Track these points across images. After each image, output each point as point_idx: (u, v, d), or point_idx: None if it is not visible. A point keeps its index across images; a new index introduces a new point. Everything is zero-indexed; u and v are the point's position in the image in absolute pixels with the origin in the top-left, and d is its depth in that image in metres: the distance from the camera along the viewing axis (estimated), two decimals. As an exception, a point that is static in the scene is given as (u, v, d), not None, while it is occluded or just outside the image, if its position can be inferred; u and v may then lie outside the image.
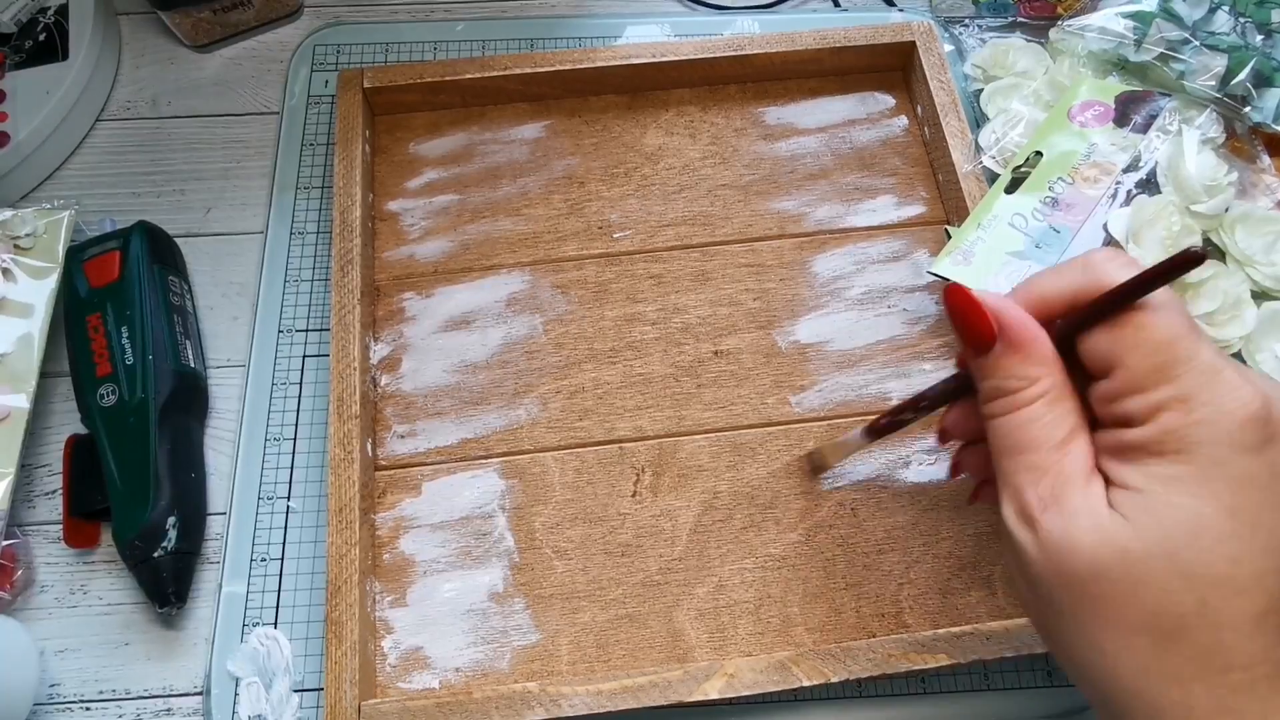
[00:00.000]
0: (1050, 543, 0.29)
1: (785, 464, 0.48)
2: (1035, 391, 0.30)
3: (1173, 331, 0.28)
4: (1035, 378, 0.30)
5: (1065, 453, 0.29)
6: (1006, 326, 0.30)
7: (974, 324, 0.31)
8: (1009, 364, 0.30)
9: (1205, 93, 0.53)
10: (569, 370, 0.50)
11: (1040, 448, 0.30)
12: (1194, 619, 0.26)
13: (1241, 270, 0.49)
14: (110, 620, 0.46)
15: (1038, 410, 0.30)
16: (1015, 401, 0.30)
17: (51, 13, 0.57)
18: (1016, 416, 0.30)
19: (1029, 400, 0.30)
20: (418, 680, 0.43)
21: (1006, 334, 0.30)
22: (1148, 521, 0.27)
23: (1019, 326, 0.30)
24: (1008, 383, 0.30)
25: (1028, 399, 0.30)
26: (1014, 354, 0.30)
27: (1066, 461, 0.29)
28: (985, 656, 0.41)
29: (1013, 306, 0.31)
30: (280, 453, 0.49)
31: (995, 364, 0.31)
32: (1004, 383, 0.31)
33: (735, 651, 0.44)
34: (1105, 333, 0.29)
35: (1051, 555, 0.29)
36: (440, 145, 0.56)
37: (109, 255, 0.49)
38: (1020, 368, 0.30)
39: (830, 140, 0.57)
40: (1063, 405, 0.30)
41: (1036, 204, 0.50)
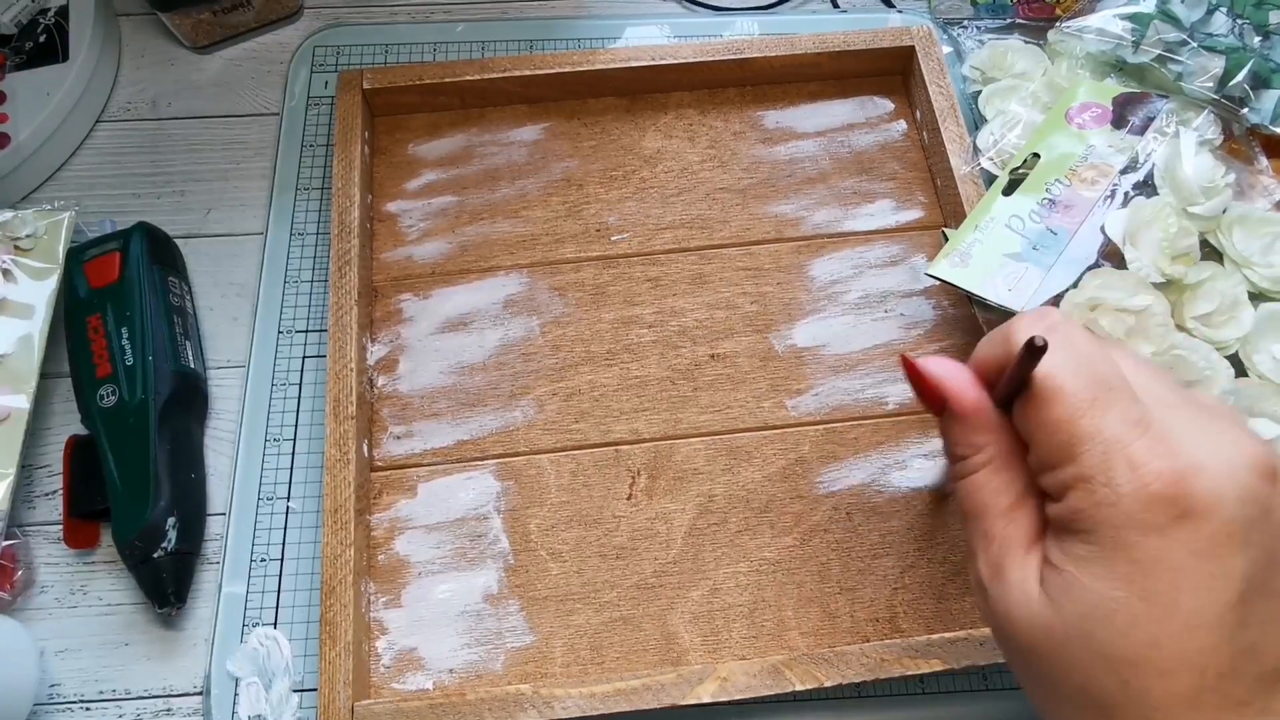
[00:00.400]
0: (994, 612, 0.29)
1: (781, 468, 0.48)
2: (980, 459, 0.31)
3: (1072, 406, 0.27)
4: (980, 445, 0.31)
5: (1010, 520, 0.30)
6: (949, 397, 0.31)
7: (924, 393, 0.32)
8: (956, 431, 0.31)
9: (1203, 94, 0.53)
10: (565, 372, 0.50)
11: (988, 514, 0.30)
12: (1121, 699, 0.26)
13: (1239, 272, 0.49)
14: (110, 620, 0.46)
15: (983, 477, 0.30)
16: (965, 468, 0.31)
17: (52, 14, 0.57)
18: (967, 483, 0.31)
19: (976, 467, 0.31)
20: (411, 681, 0.43)
21: (950, 404, 0.31)
22: (1066, 603, 0.27)
23: (959, 396, 0.31)
24: (958, 449, 0.31)
25: (975, 466, 0.31)
26: (958, 422, 0.31)
27: (1010, 530, 0.29)
28: (979, 662, 0.41)
29: (957, 374, 0.31)
30: (280, 453, 0.49)
31: (947, 430, 0.32)
32: (955, 449, 0.32)
33: (729, 655, 0.44)
34: (1021, 407, 0.29)
35: (997, 624, 0.29)
36: (439, 147, 0.56)
37: (109, 256, 0.49)
38: (966, 435, 0.31)
39: (829, 144, 0.57)
40: (1008, 473, 0.30)
41: (1034, 206, 0.50)
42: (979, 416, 0.31)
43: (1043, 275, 0.47)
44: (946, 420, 0.32)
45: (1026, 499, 0.30)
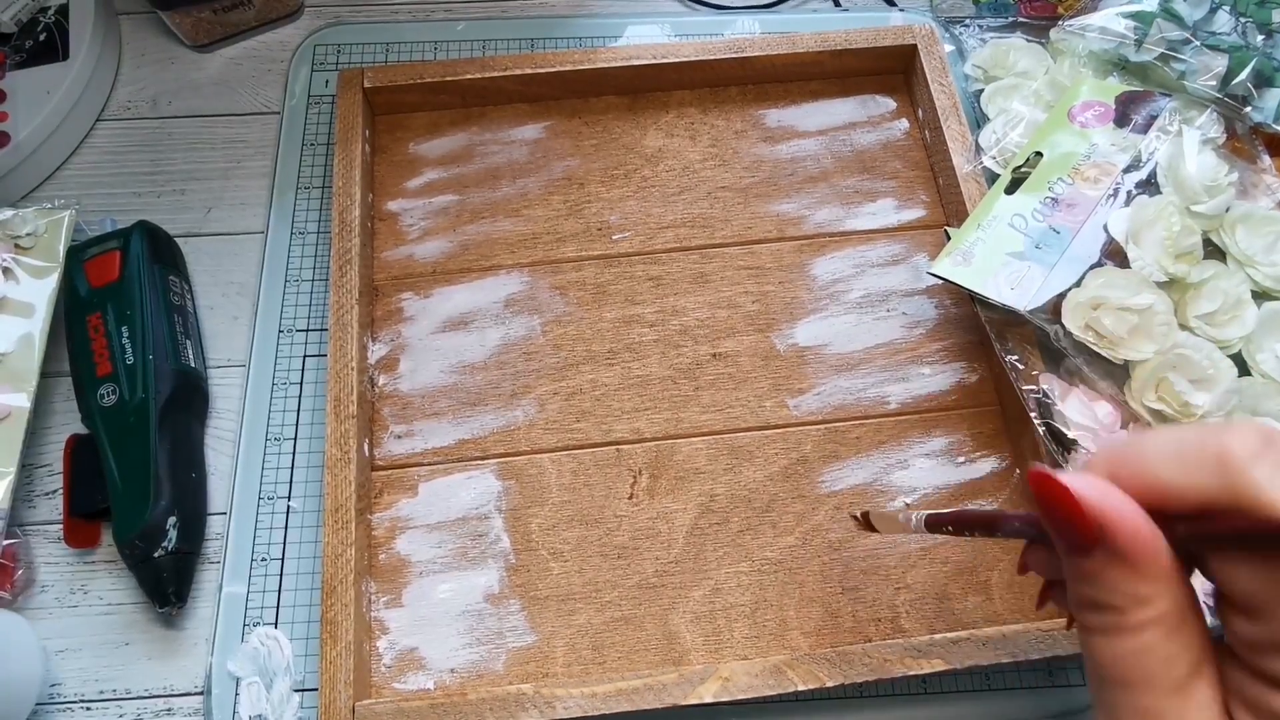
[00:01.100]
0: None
1: (783, 467, 0.48)
2: (1148, 616, 0.23)
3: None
4: (1149, 598, 0.23)
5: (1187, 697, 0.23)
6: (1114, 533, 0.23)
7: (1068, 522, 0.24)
8: (1114, 578, 0.23)
9: (1206, 93, 0.53)
10: (567, 372, 0.50)
11: (1155, 688, 0.23)
12: None
13: (1242, 270, 0.49)
14: (110, 620, 0.46)
15: (1151, 640, 0.23)
16: (1122, 624, 0.23)
17: (52, 13, 0.57)
18: (1123, 644, 0.23)
19: (1140, 626, 0.23)
20: (413, 681, 0.43)
21: (1113, 542, 0.23)
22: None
23: (1131, 534, 0.23)
24: (1112, 599, 0.23)
25: (1138, 624, 0.23)
26: (1122, 568, 0.23)
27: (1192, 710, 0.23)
28: (981, 662, 0.41)
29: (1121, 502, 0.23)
30: (280, 453, 0.49)
31: (1096, 573, 0.24)
32: (1107, 598, 0.23)
33: (730, 655, 0.44)
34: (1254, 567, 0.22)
35: None
36: (440, 145, 0.56)
37: (109, 255, 0.49)
38: (1130, 584, 0.23)
39: (831, 143, 0.56)
40: (1184, 634, 0.23)
41: (1036, 204, 0.50)
42: (1154, 561, 0.23)
43: (1045, 274, 0.47)
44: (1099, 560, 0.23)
45: (1204, 669, 0.23)
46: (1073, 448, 0.44)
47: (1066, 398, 0.46)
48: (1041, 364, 0.47)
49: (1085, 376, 0.46)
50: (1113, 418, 0.46)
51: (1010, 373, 0.46)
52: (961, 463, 0.48)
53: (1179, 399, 0.44)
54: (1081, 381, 0.47)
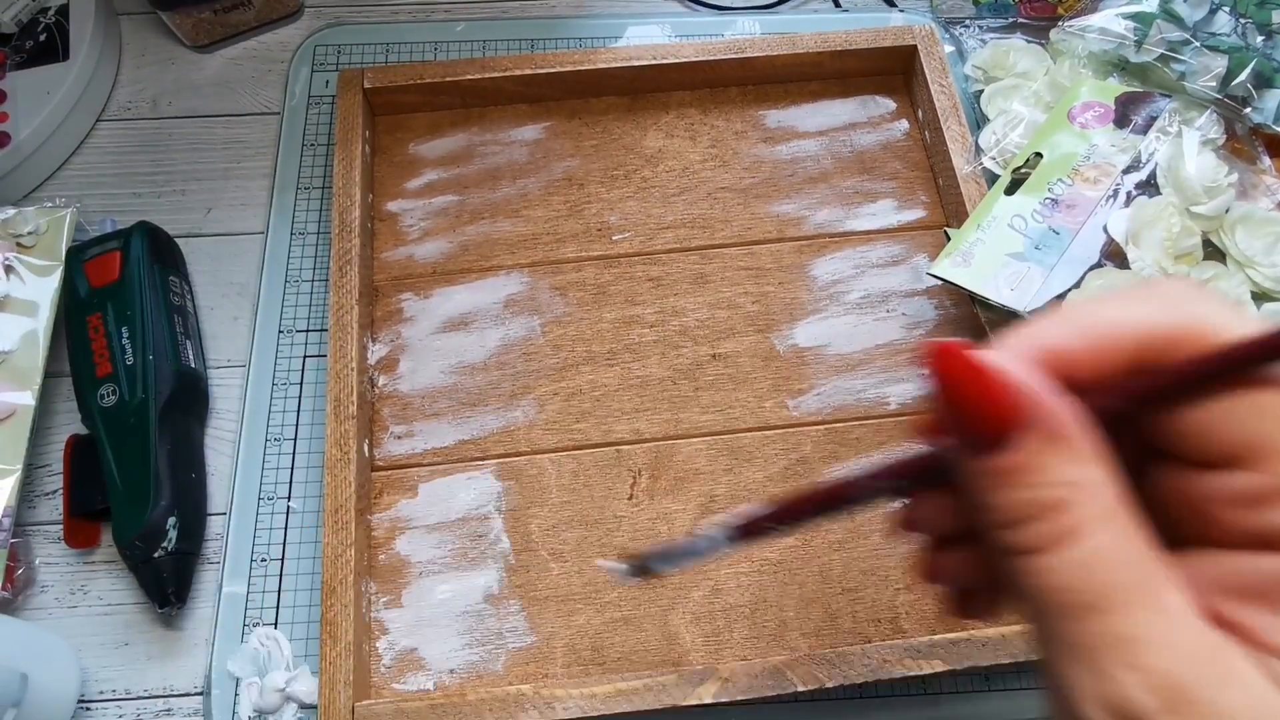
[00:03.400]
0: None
1: (782, 468, 0.48)
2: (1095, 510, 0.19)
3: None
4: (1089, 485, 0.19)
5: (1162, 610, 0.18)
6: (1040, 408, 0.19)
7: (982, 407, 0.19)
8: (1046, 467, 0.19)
9: (1206, 94, 0.53)
10: (566, 372, 0.50)
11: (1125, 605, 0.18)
12: None
13: (1242, 271, 0.49)
14: (110, 620, 0.46)
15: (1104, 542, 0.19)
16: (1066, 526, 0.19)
17: (52, 13, 0.57)
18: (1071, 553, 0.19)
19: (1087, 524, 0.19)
20: (412, 682, 0.43)
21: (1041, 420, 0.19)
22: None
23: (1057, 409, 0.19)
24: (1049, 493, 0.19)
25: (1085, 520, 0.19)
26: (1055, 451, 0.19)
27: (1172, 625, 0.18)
28: (981, 663, 0.41)
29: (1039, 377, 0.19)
30: (280, 453, 0.49)
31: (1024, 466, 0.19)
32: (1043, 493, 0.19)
33: (730, 655, 0.44)
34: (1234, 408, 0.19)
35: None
36: (440, 146, 0.56)
37: (109, 255, 0.49)
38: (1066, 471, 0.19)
39: (831, 143, 0.56)
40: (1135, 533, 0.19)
41: (1036, 205, 0.50)
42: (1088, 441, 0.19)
43: (1045, 275, 0.47)
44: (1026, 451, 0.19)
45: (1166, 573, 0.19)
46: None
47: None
48: (1041, 365, 0.47)
49: (1085, 377, 0.46)
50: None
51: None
52: (961, 463, 0.48)
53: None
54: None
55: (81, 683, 0.44)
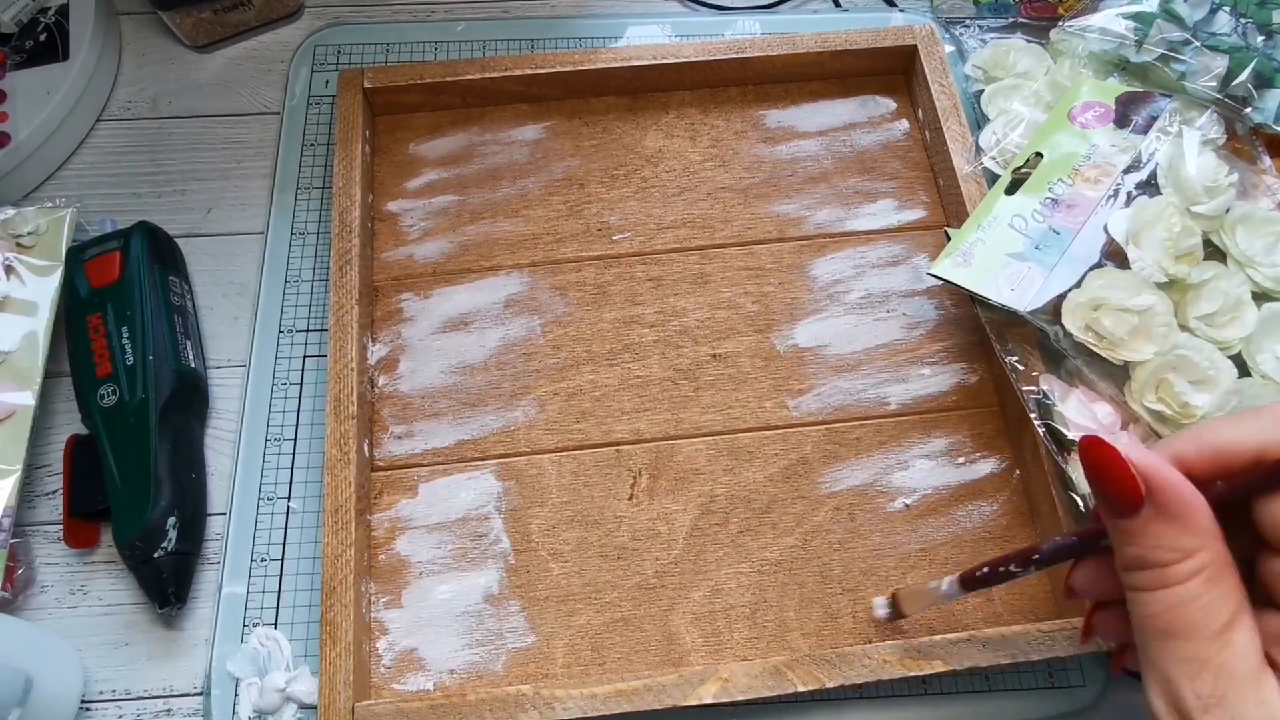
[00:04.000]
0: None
1: (782, 468, 0.48)
2: (1191, 567, 0.26)
3: None
4: (1191, 550, 0.26)
5: (1228, 643, 0.25)
6: (1158, 489, 0.26)
7: (1116, 483, 0.27)
8: (1159, 532, 0.26)
9: (1206, 93, 0.53)
10: (566, 372, 0.50)
11: (1197, 635, 0.26)
12: None
13: (1242, 271, 0.49)
14: (110, 620, 0.46)
15: (1193, 589, 0.26)
16: (1166, 577, 0.26)
17: (52, 13, 0.57)
18: (1167, 595, 0.26)
19: (1183, 577, 0.26)
20: (412, 682, 0.43)
21: (1158, 498, 0.26)
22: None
23: (1174, 490, 0.26)
24: (1155, 554, 0.26)
25: (1181, 575, 0.26)
26: (1166, 522, 0.26)
27: (1231, 654, 0.25)
28: (981, 663, 0.41)
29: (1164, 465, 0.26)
30: (280, 453, 0.49)
31: (1142, 530, 0.27)
32: (1151, 553, 0.26)
33: (730, 656, 0.44)
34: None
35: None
36: (440, 146, 0.56)
37: (109, 255, 0.49)
38: (1174, 538, 0.26)
39: (831, 143, 0.56)
40: (1224, 584, 0.26)
41: (1036, 205, 0.50)
42: (1196, 515, 0.26)
43: (1045, 275, 0.47)
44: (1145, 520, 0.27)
45: (1242, 616, 0.26)
46: (1072, 449, 0.44)
47: (1066, 399, 0.46)
48: (1041, 365, 0.47)
49: (1085, 377, 0.46)
50: (1113, 419, 0.46)
51: (1010, 374, 0.46)
52: (961, 463, 0.48)
53: (1179, 400, 0.44)
54: (1081, 382, 0.47)
55: (84, 684, 0.44)
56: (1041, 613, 0.44)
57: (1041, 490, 0.45)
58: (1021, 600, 0.45)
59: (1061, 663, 0.45)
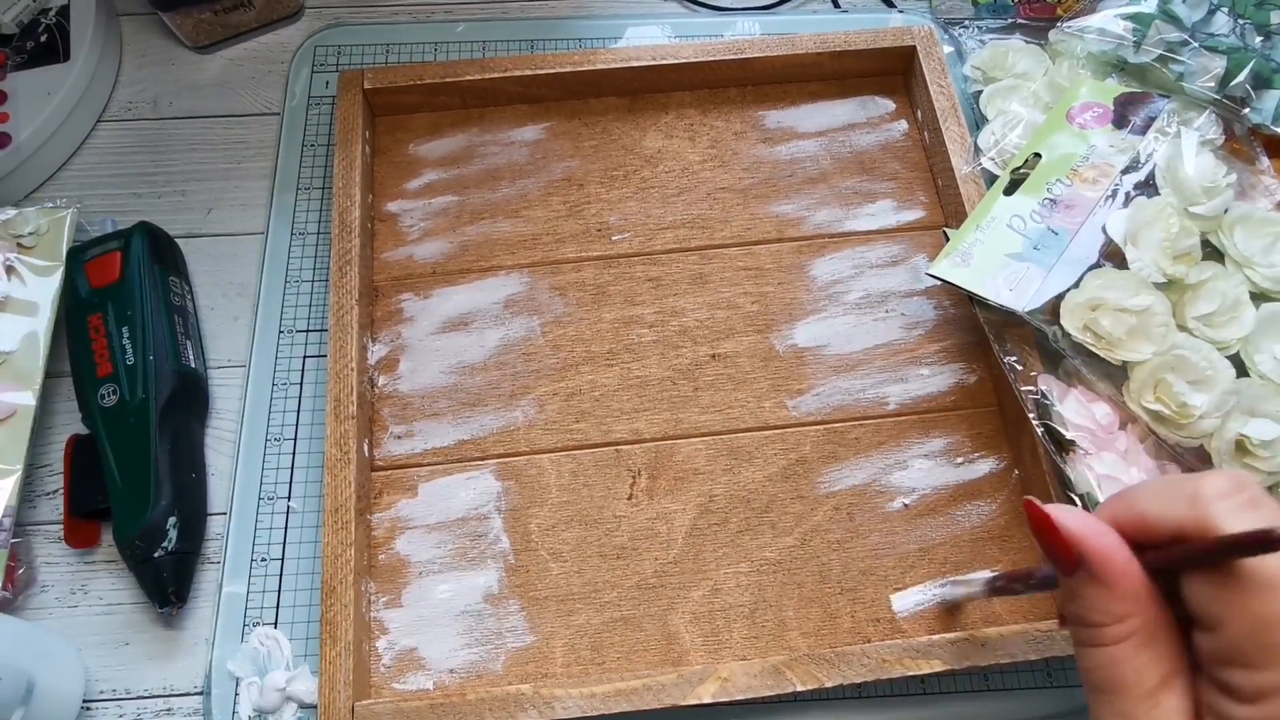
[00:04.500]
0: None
1: (781, 468, 0.48)
2: (1122, 630, 0.27)
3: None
4: (1122, 615, 0.27)
5: (1156, 704, 0.26)
6: (1089, 555, 0.27)
7: (1052, 546, 0.28)
8: (1092, 596, 0.27)
9: (1204, 94, 0.53)
10: (566, 372, 0.50)
11: (1128, 694, 0.26)
12: None
13: (1240, 271, 0.49)
14: (110, 620, 0.46)
15: (1125, 652, 0.27)
16: (1099, 637, 0.27)
17: (53, 14, 0.57)
18: (1100, 654, 0.27)
19: (1115, 639, 0.27)
20: (412, 681, 0.43)
21: (1090, 564, 0.27)
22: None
23: (1102, 557, 0.27)
24: (1090, 614, 0.27)
25: (1113, 637, 0.27)
26: (1098, 587, 0.27)
27: (1158, 715, 0.26)
28: (980, 663, 0.41)
29: (1099, 531, 0.27)
30: (280, 453, 0.49)
31: (1078, 592, 0.27)
32: (1086, 614, 0.27)
33: (729, 655, 0.44)
34: (1207, 586, 0.25)
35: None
36: (440, 146, 0.56)
37: (110, 256, 0.49)
38: (1105, 602, 0.27)
39: (830, 144, 0.57)
40: (1156, 649, 0.26)
41: (1035, 205, 0.50)
42: (1128, 583, 0.27)
43: (1044, 275, 0.47)
44: (1080, 582, 0.27)
45: (1174, 680, 0.26)
46: (1071, 449, 0.44)
47: (1065, 399, 0.46)
48: (1040, 365, 0.47)
49: (1083, 377, 0.47)
50: (1111, 419, 0.46)
51: (1009, 374, 0.46)
52: (960, 463, 0.48)
53: (1177, 400, 0.45)
54: (1080, 382, 0.47)
55: (85, 684, 0.44)
56: (1040, 613, 0.45)
57: (1040, 490, 0.46)
58: (1020, 600, 0.45)
59: (1060, 663, 0.45)
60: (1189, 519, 0.26)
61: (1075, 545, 0.27)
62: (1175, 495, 0.27)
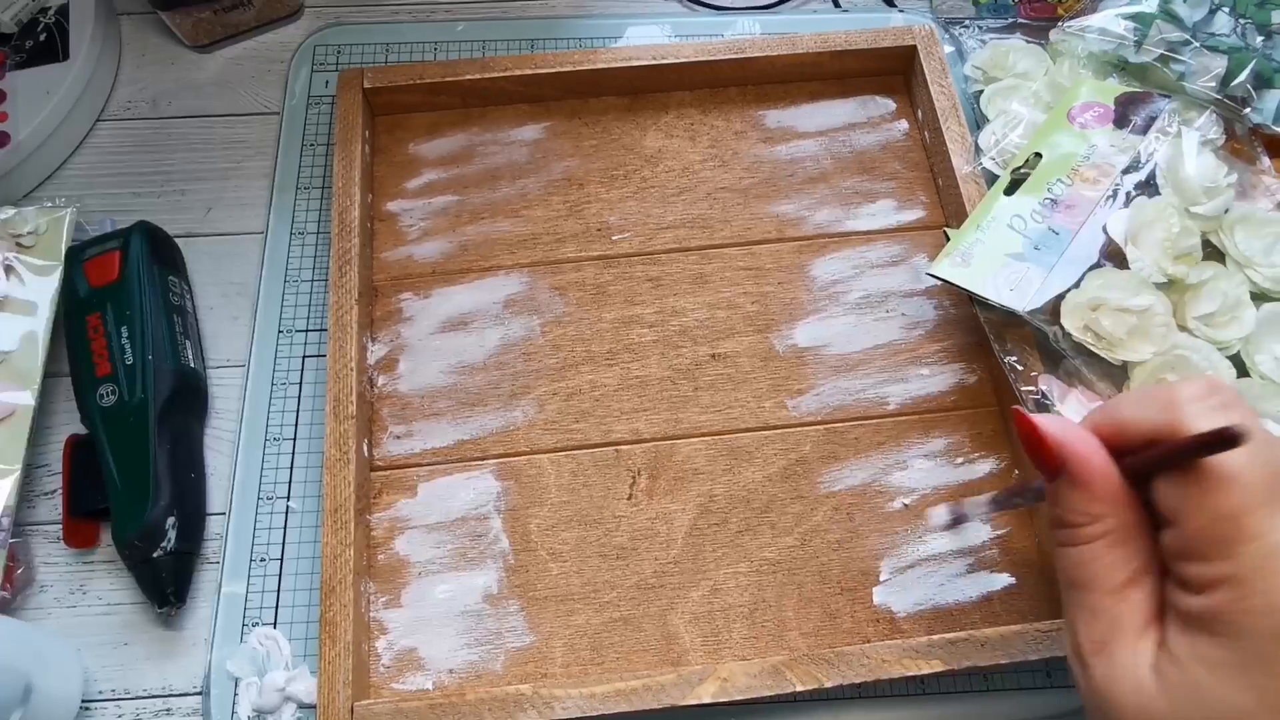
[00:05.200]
0: (1094, 689, 0.28)
1: (781, 468, 0.48)
2: (1096, 530, 0.29)
3: (1243, 502, 0.26)
4: (1098, 515, 0.29)
5: (1123, 599, 0.28)
6: (1069, 460, 0.29)
7: (1037, 452, 0.30)
8: (1071, 498, 0.29)
9: (1205, 94, 0.53)
10: (566, 372, 0.50)
11: (1097, 589, 0.29)
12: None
13: (1241, 272, 0.49)
14: (110, 620, 0.46)
15: (1097, 550, 0.29)
16: (1075, 536, 0.29)
17: (52, 13, 0.57)
18: (1076, 552, 0.29)
19: (1089, 538, 0.29)
20: (411, 681, 0.43)
21: (1069, 468, 0.29)
22: (1185, 703, 0.26)
23: (1082, 461, 0.29)
24: (1069, 516, 0.29)
25: (1088, 536, 0.29)
26: (1076, 489, 0.29)
27: (1122, 610, 0.28)
28: (979, 663, 0.41)
29: (1080, 437, 0.29)
30: (280, 453, 0.49)
31: (1058, 495, 0.30)
32: (1066, 515, 0.29)
33: (729, 655, 0.44)
34: (1172, 485, 0.27)
35: (1095, 701, 0.28)
36: (440, 146, 0.56)
37: (109, 255, 0.49)
38: (1083, 504, 0.29)
39: (830, 144, 0.56)
40: (1126, 548, 0.29)
41: (1035, 205, 0.50)
42: (1104, 485, 0.29)
43: (1044, 275, 0.47)
44: (1061, 485, 0.30)
45: (1142, 578, 0.28)
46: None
47: (1065, 399, 0.46)
48: (1040, 365, 0.47)
49: (1084, 378, 0.46)
50: (1111, 419, 0.46)
51: (1009, 374, 0.46)
52: (960, 463, 0.48)
53: (1178, 400, 0.44)
54: (1080, 383, 0.47)
55: (85, 684, 0.44)
56: (1040, 613, 0.44)
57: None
58: (1020, 600, 0.45)
59: (1060, 662, 0.44)
60: (1163, 422, 0.28)
61: (1057, 450, 0.29)
62: (1151, 401, 0.29)
